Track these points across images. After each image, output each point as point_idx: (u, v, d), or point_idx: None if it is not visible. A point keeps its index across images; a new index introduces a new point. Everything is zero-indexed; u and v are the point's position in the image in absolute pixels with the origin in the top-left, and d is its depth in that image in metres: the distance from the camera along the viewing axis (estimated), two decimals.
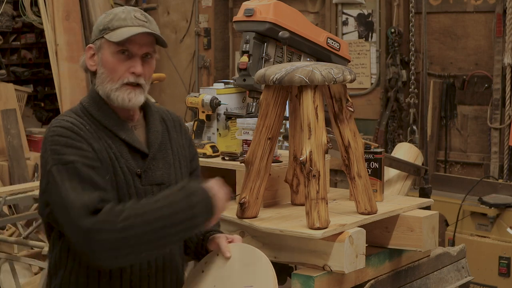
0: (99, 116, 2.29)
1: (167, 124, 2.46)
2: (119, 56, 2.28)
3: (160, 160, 2.36)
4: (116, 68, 2.28)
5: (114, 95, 2.28)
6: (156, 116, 2.42)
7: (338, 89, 2.62)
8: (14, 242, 4.66)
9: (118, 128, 2.30)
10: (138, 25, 2.28)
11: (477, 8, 6.15)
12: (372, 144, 2.95)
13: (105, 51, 2.29)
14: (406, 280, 2.83)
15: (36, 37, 9.47)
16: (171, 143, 2.42)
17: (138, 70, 2.27)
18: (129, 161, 2.29)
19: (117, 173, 2.26)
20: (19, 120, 6.95)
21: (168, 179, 2.36)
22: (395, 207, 2.77)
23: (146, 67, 2.31)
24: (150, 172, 2.32)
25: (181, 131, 2.50)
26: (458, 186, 5.69)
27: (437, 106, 6.36)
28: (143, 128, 2.38)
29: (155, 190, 2.32)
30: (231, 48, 7.75)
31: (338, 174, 5.82)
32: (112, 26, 2.28)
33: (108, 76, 2.29)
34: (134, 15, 2.30)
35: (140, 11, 2.34)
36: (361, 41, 6.64)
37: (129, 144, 2.30)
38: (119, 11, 2.32)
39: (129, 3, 7.90)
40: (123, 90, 2.28)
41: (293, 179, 2.83)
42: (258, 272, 2.24)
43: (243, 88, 3.16)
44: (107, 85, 2.29)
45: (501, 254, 5.15)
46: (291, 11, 3.12)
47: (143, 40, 2.28)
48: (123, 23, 2.28)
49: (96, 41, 2.32)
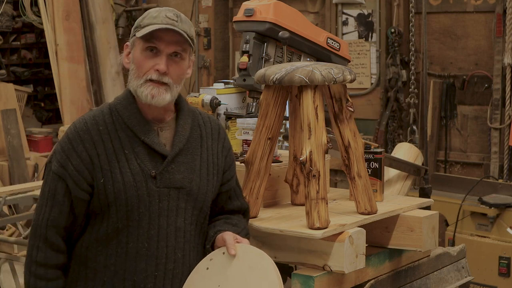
0: (123, 115, 2.32)
1: (203, 130, 2.44)
2: (147, 53, 2.30)
3: (182, 164, 2.34)
4: (143, 64, 2.30)
5: (139, 91, 2.31)
6: (188, 120, 2.41)
7: (338, 89, 2.62)
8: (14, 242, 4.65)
9: (139, 128, 2.31)
10: (166, 23, 2.29)
11: (477, 8, 6.15)
12: (372, 144, 2.94)
13: (136, 48, 2.33)
14: (406, 280, 2.83)
15: (36, 37, 9.48)
16: (201, 149, 2.41)
17: (161, 67, 2.28)
18: (144, 162, 2.29)
19: (125, 173, 2.27)
20: (19, 120, 6.95)
21: (189, 184, 2.34)
22: (395, 207, 2.77)
23: (173, 66, 2.31)
24: (167, 174, 2.31)
25: (219, 139, 2.49)
26: (458, 186, 5.69)
27: (437, 106, 6.36)
28: (172, 131, 2.38)
29: (173, 193, 2.32)
30: (231, 48, 7.76)
31: (338, 174, 5.82)
32: (143, 24, 2.32)
33: (136, 72, 2.32)
34: (166, 14, 2.31)
35: (174, 11, 2.35)
36: (361, 41, 6.64)
37: (148, 145, 2.30)
38: (153, 11, 2.35)
39: (129, 3, 7.91)
40: (146, 86, 2.30)
41: (293, 179, 2.83)
42: (264, 278, 2.22)
43: (243, 88, 3.15)
44: (134, 82, 2.32)
45: (501, 254, 5.15)
46: (291, 11, 3.12)
47: (170, 38, 2.29)
48: (153, 21, 2.30)
49: (131, 39, 2.36)
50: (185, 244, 2.35)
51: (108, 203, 2.27)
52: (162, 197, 2.30)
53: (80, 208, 2.30)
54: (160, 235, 2.30)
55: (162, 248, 2.30)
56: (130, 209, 2.27)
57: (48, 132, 7.56)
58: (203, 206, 2.40)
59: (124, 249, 2.28)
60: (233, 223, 2.48)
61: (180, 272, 2.34)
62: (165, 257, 2.31)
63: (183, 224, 2.34)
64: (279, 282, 2.19)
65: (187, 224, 2.36)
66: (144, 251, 2.29)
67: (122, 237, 2.28)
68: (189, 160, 2.37)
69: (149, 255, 2.29)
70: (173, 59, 2.31)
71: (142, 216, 2.29)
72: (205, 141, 2.43)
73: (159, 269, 2.30)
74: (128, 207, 2.27)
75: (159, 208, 2.30)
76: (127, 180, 2.27)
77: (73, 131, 2.31)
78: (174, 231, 2.32)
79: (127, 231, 2.28)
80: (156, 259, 2.30)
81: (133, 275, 2.28)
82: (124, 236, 2.28)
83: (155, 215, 2.30)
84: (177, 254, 2.33)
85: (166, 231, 2.31)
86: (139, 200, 2.27)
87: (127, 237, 2.28)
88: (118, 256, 2.28)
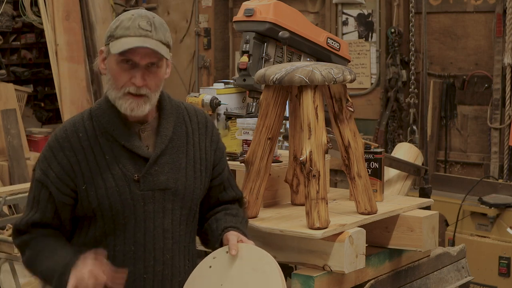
0: (103, 120, 2.30)
1: (188, 126, 2.41)
2: (123, 65, 2.26)
3: (166, 165, 2.33)
4: (119, 77, 2.27)
5: (118, 104, 2.28)
6: (170, 118, 2.38)
7: (338, 89, 2.62)
8: None
9: (119, 133, 2.29)
10: (140, 35, 2.24)
11: (477, 8, 6.14)
12: (372, 144, 2.94)
13: (111, 58, 2.29)
14: (406, 280, 2.83)
15: (36, 37, 9.48)
16: (187, 146, 2.39)
17: (137, 82, 2.25)
18: (126, 166, 2.28)
19: (106, 179, 2.26)
20: (19, 120, 6.95)
21: (174, 184, 2.33)
22: (395, 207, 2.77)
23: (150, 77, 2.27)
24: (150, 177, 2.30)
25: (206, 133, 2.45)
26: (458, 186, 5.69)
27: (437, 106, 6.36)
28: (154, 131, 2.35)
29: (158, 195, 2.31)
30: (231, 48, 7.75)
31: (338, 174, 5.82)
32: (116, 35, 2.26)
33: (114, 84, 2.29)
34: (139, 24, 2.25)
35: (147, 17, 2.28)
36: (361, 41, 6.64)
37: (128, 149, 2.29)
38: (125, 18, 2.28)
39: (129, 3, 7.90)
40: (125, 99, 2.27)
41: (293, 179, 2.83)
42: (267, 279, 2.20)
43: (243, 88, 3.15)
44: (113, 92, 2.29)
45: (501, 254, 5.15)
46: (291, 11, 3.12)
47: (145, 51, 2.25)
48: (126, 32, 2.25)
49: (106, 45, 2.31)
50: (173, 245, 2.34)
51: (92, 208, 2.27)
52: (147, 200, 2.29)
53: (65, 213, 2.31)
54: (146, 238, 2.30)
55: (150, 251, 2.30)
56: (115, 213, 2.27)
57: (48, 132, 7.56)
58: (191, 205, 2.38)
59: (112, 252, 2.28)
60: (234, 214, 2.47)
61: (169, 273, 2.34)
62: (153, 259, 2.31)
63: (170, 225, 2.33)
64: (283, 284, 2.18)
65: (175, 225, 2.35)
66: (131, 254, 2.29)
67: (110, 241, 2.29)
68: (174, 159, 2.35)
69: (136, 258, 2.29)
70: (149, 69, 2.27)
71: (128, 220, 2.28)
72: (191, 137, 2.40)
73: (148, 272, 2.30)
74: (112, 211, 2.27)
75: (145, 211, 2.29)
76: (109, 185, 2.26)
77: (54, 139, 2.32)
78: (162, 233, 2.32)
79: (114, 234, 2.29)
80: (144, 262, 2.30)
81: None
82: (112, 240, 2.29)
83: (141, 218, 2.29)
84: (166, 255, 2.33)
85: (153, 234, 2.30)
86: (123, 205, 2.26)
87: (114, 241, 2.29)
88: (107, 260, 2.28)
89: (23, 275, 4.94)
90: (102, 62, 2.34)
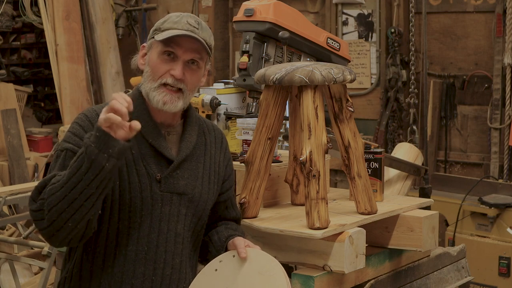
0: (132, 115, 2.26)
1: (207, 138, 2.45)
2: (164, 57, 2.28)
3: (187, 170, 2.35)
4: (158, 67, 2.28)
5: (152, 95, 2.29)
6: (195, 127, 2.41)
7: (338, 89, 2.62)
8: (14, 242, 4.66)
9: (147, 131, 2.30)
10: (187, 29, 2.28)
11: (477, 8, 6.14)
12: (372, 144, 2.94)
13: (153, 51, 2.31)
14: (406, 280, 2.83)
15: (36, 37, 9.47)
16: (205, 157, 2.42)
17: (177, 73, 2.27)
18: (150, 164, 2.29)
19: (131, 174, 2.26)
20: (19, 120, 6.95)
21: (191, 190, 2.35)
22: (395, 207, 2.77)
23: (189, 73, 2.30)
24: (171, 179, 2.31)
25: (221, 148, 2.51)
26: (458, 186, 5.69)
27: (437, 106, 6.36)
28: (178, 136, 2.37)
29: (175, 199, 2.32)
30: (231, 48, 7.75)
31: (338, 174, 5.82)
32: (163, 28, 2.30)
33: (151, 75, 2.30)
34: (187, 20, 2.30)
35: (195, 17, 2.34)
36: (361, 41, 6.63)
37: (155, 149, 2.30)
38: (174, 15, 2.33)
39: (129, 3, 7.90)
40: (160, 91, 2.28)
41: (293, 179, 2.83)
42: (273, 284, 2.21)
43: (243, 88, 3.15)
44: (148, 84, 2.30)
45: (501, 254, 5.15)
46: (291, 11, 3.12)
47: (189, 45, 2.28)
48: (174, 25, 2.29)
49: (149, 41, 2.34)
50: (183, 250, 2.36)
51: (112, 200, 2.25)
52: (164, 202, 2.30)
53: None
54: (159, 240, 2.30)
55: (161, 253, 2.31)
56: (133, 209, 2.27)
57: (48, 132, 7.56)
58: (202, 214, 2.41)
59: (124, 251, 2.28)
60: (233, 228, 2.52)
61: (176, 278, 2.34)
62: (164, 262, 2.31)
63: (182, 230, 2.35)
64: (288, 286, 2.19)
65: (186, 231, 2.36)
66: (143, 254, 2.29)
67: (122, 240, 2.28)
68: (194, 167, 2.37)
69: (147, 259, 2.29)
70: (189, 66, 2.30)
71: (144, 219, 2.28)
72: (209, 150, 2.45)
73: (157, 274, 2.30)
74: (131, 207, 2.27)
75: (161, 213, 2.30)
76: (133, 180, 2.26)
77: (84, 118, 2.27)
78: (174, 237, 2.32)
79: (128, 233, 2.28)
80: (154, 264, 2.30)
81: (131, 278, 2.28)
82: (124, 239, 2.28)
83: (157, 219, 2.30)
84: (175, 259, 2.33)
85: (166, 236, 2.31)
86: (142, 203, 2.27)
87: (127, 240, 2.28)
88: (117, 259, 2.28)
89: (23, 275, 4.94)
90: (141, 58, 2.36)
